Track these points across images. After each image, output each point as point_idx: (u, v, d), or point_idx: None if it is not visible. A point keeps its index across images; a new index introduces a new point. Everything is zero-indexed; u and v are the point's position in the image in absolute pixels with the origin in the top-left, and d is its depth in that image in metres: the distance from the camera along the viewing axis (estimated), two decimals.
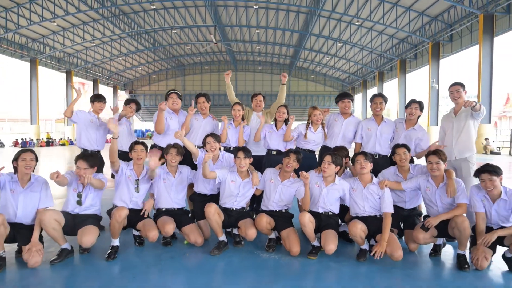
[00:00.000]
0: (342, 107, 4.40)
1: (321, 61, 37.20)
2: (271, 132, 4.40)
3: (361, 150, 4.05)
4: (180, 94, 4.55)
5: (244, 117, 4.63)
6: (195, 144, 4.08)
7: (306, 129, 4.29)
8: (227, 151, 4.26)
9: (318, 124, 4.32)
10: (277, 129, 4.40)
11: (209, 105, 4.55)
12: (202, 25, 28.78)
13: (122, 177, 3.63)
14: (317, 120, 4.27)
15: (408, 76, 27.31)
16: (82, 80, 38.93)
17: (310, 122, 4.33)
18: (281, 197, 3.65)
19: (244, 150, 3.67)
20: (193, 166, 4.04)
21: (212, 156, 3.77)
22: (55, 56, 29.69)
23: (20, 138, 26.88)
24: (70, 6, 22.42)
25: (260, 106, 4.74)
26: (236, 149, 3.82)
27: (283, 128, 4.38)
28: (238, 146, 4.33)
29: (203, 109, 4.49)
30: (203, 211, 3.45)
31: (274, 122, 4.51)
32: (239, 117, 4.49)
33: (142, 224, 3.51)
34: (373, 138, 4.19)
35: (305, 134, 4.27)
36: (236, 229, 3.74)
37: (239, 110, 4.47)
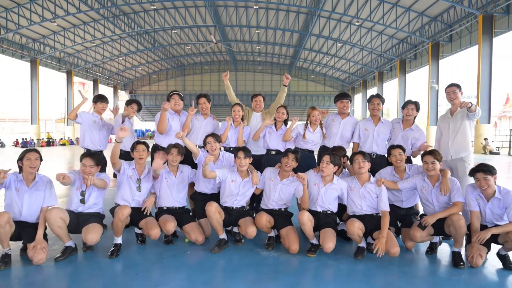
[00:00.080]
0: (341, 107, 4.46)
1: (321, 61, 37.21)
2: (271, 132, 4.45)
3: (359, 150, 4.12)
4: (182, 95, 4.61)
5: (244, 117, 4.69)
6: (196, 144, 4.13)
7: (305, 129, 4.34)
8: (227, 151, 4.32)
9: (317, 124, 4.37)
10: (277, 130, 4.45)
11: (210, 105, 4.62)
12: (202, 25, 28.82)
13: (124, 177, 3.70)
14: (316, 120, 4.33)
15: (408, 76, 27.33)
16: (83, 80, 39.00)
17: (309, 122, 4.38)
18: (281, 196, 3.72)
19: (244, 150, 3.73)
20: (194, 166, 4.11)
21: (213, 158, 3.83)
22: (56, 56, 29.72)
23: (21, 138, 26.80)
24: (71, 6, 22.45)
25: (260, 107, 4.80)
26: (236, 149, 3.87)
27: (283, 129, 4.44)
28: (238, 146, 4.40)
29: (205, 110, 4.55)
30: (204, 210, 3.51)
31: (274, 123, 4.58)
32: (239, 118, 4.54)
33: (144, 222, 3.58)
34: (371, 138, 4.25)
35: (304, 134, 4.32)
36: (237, 228, 3.80)
37: (239, 111, 4.53)
